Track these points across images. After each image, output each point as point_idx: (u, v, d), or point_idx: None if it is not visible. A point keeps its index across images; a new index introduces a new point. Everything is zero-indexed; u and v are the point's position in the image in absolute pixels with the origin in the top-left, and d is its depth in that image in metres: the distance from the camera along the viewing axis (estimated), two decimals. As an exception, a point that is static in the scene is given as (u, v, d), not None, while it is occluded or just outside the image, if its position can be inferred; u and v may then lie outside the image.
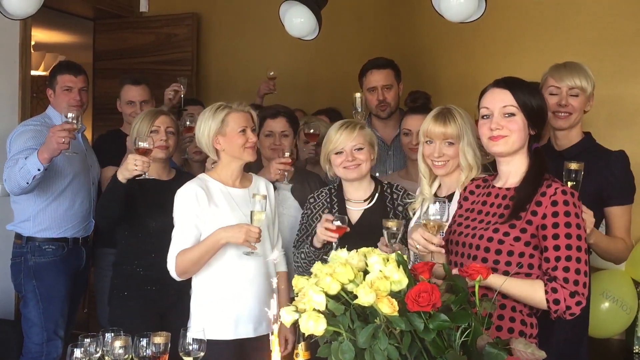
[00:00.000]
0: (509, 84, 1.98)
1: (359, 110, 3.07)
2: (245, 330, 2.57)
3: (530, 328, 1.92)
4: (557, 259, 1.82)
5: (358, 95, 3.06)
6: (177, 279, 2.56)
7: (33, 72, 4.50)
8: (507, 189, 2.01)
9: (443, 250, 1.96)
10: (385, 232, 2.25)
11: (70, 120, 2.93)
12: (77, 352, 1.92)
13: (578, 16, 3.89)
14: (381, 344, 1.45)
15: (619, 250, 2.48)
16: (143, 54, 5.18)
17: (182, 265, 2.52)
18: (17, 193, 3.21)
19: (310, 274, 2.53)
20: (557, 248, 1.83)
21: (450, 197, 2.41)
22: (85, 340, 1.95)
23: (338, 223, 2.39)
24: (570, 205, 1.85)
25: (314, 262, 2.54)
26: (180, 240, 2.55)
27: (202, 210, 2.56)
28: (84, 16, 5.36)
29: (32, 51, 5.02)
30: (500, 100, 1.96)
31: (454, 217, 2.12)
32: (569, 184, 2.21)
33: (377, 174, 3.17)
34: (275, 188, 2.91)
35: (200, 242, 2.53)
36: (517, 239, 1.89)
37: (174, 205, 2.61)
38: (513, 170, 2.00)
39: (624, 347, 3.57)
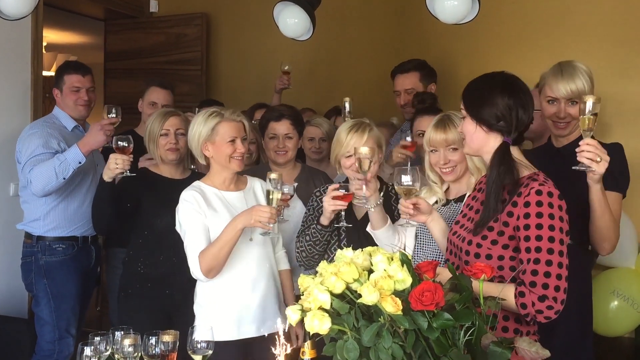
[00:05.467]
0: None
1: (347, 115, 3.16)
2: (248, 331, 2.57)
3: (533, 325, 1.90)
4: (528, 261, 1.77)
5: (347, 99, 3.21)
6: (204, 279, 2.53)
7: (45, 73, 4.55)
8: None
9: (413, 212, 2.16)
10: (356, 161, 2.35)
11: (114, 115, 3.15)
12: (87, 350, 1.93)
13: (585, 14, 3.87)
14: (385, 343, 1.46)
15: (610, 225, 2.34)
16: (153, 54, 5.23)
17: (206, 262, 2.49)
18: (43, 193, 3.24)
19: (312, 258, 2.59)
20: (528, 250, 1.78)
21: (459, 200, 2.43)
22: (96, 338, 1.96)
23: (343, 191, 2.43)
24: (545, 205, 1.78)
25: (320, 244, 2.60)
26: (196, 242, 2.53)
27: (204, 214, 2.57)
28: (95, 17, 5.42)
29: (44, 52, 5.07)
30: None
31: (457, 217, 2.12)
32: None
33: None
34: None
35: (218, 236, 2.51)
36: (494, 242, 1.85)
37: (179, 214, 2.60)
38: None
39: (634, 345, 3.56)
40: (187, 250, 2.56)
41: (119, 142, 2.82)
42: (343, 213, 2.49)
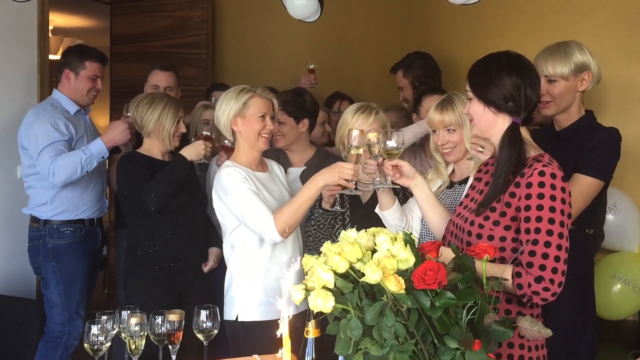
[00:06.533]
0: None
1: None
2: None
3: (537, 308, 1.91)
4: (527, 242, 1.75)
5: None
6: (278, 239, 2.47)
7: (51, 57, 4.55)
8: None
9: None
10: (366, 147, 2.32)
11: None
12: (95, 329, 1.96)
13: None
14: (388, 321, 1.47)
15: None
16: (159, 38, 5.23)
17: (283, 221, 2.43)
18: (64, 184, 3.28)
19: (319, 242, 2.62)
20: (527, 231, 1.76)
21: (464, 182, 2.44)
22: (103, 317, 1.99)
23: None
24: (547, 187, 1.75)
25: (324, 228, 2.62)
26: (259, 205, 2.48)
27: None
28: (101, 0, 5.41)
29: (51, 35, 5.07)
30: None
31: (461, 199, 2.13)
32: None
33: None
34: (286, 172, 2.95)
35: (297, 194, 2.48)
36: (496, 223, 1.84)
37: (229, 188, 2.53)
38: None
39: (637, 328, 3.57)
40: (250, 216, 2.48)
41: (204, 132, 3.12)
42: (338, 197, 2.49)
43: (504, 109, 1.89)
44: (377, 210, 2.48)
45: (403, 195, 2.64)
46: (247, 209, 2.49)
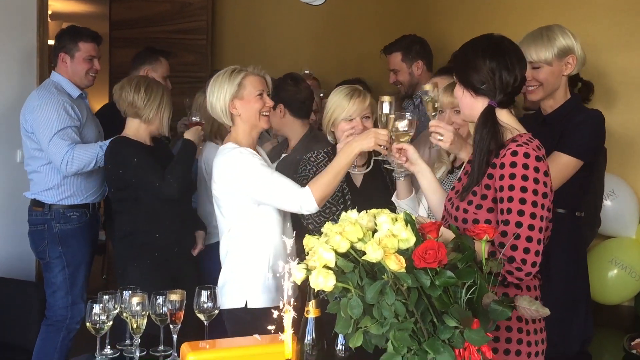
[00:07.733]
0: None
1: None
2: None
3: (535, 291, 1.91)
4: (501, 222, 1.76)
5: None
6: (314, 210, 2.41)
7: (50, 42, 4.53)
8: None
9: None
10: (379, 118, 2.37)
11: None
12: (97, 308, 1.98)
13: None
14: (388, 300, 1.48)
15: None
16: (158, 23, 5.21)
17: (321, 191, 2.37)
18: (73, 174, 3.29)
19: (323, 212, 2.60)
20: (501, 212, 1.77)
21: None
22: (104, 297, 2.01)
23: None
24: (518, 166, 1.75)
25: (332, 197, 2.54)
26: (288, 180, 2.42)
27: None
28: (99, -15, 5.40)
29: (50, 21, 5.05)
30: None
31: (453, 183, 2.14)
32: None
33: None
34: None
35: (331, 163, 2.43)
36: (479, 206, 1.84)
37: (243, 169, 2.44)
38: None
39: (633, 313, 3.60)
40: (281, 191, 2.40)
41: (193, 118, 3.23)
42: (356, 160, 2.51)
43: (480, 92, 1.90)
44: (394, 198, 2.47)
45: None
46: (276, 184, 2.41)
